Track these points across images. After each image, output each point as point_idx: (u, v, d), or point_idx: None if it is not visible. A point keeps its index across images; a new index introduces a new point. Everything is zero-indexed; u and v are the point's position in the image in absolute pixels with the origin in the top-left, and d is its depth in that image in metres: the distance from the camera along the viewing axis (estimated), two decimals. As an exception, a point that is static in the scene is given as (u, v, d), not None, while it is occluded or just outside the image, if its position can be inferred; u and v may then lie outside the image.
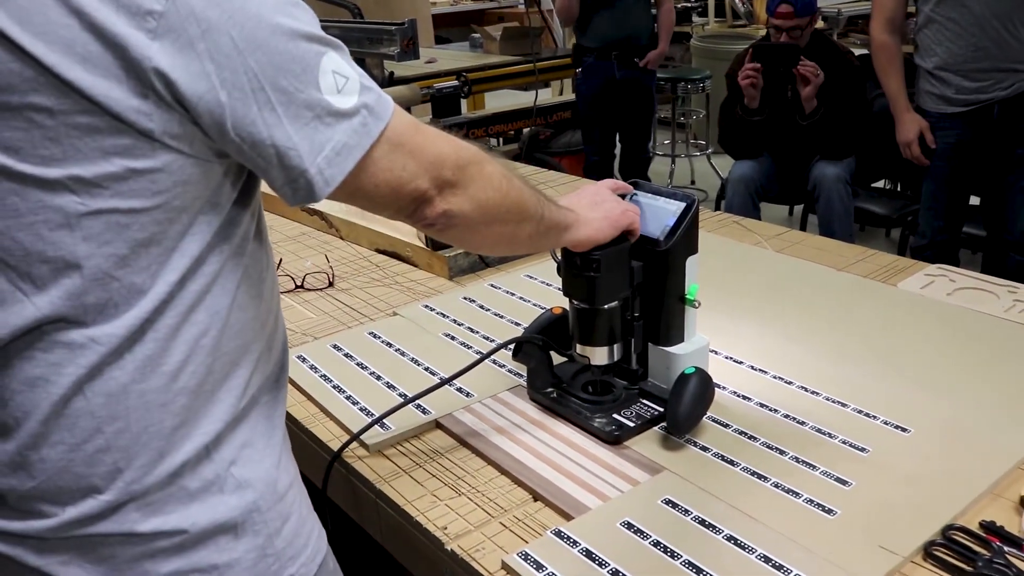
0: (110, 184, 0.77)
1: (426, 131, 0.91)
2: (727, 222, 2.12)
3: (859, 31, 7.38)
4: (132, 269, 0.80)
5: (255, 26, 0.77)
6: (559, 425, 1.27)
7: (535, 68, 4.75)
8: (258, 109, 0.78)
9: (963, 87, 2.92)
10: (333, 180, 0.83)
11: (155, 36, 0.74)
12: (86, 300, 0.80)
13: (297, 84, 0.80)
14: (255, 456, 0.91)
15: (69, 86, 0.73)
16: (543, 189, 1.10)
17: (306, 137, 0.81)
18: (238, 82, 0.77)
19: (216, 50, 0.76)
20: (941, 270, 1.74)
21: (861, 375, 1.36)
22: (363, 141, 0.84)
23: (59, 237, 0.78)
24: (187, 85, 0.75)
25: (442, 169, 0.91)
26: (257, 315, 0.92)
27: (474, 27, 6.59)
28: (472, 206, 0.95)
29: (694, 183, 5.84)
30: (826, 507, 1.06)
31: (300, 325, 1.66)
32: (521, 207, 1.03)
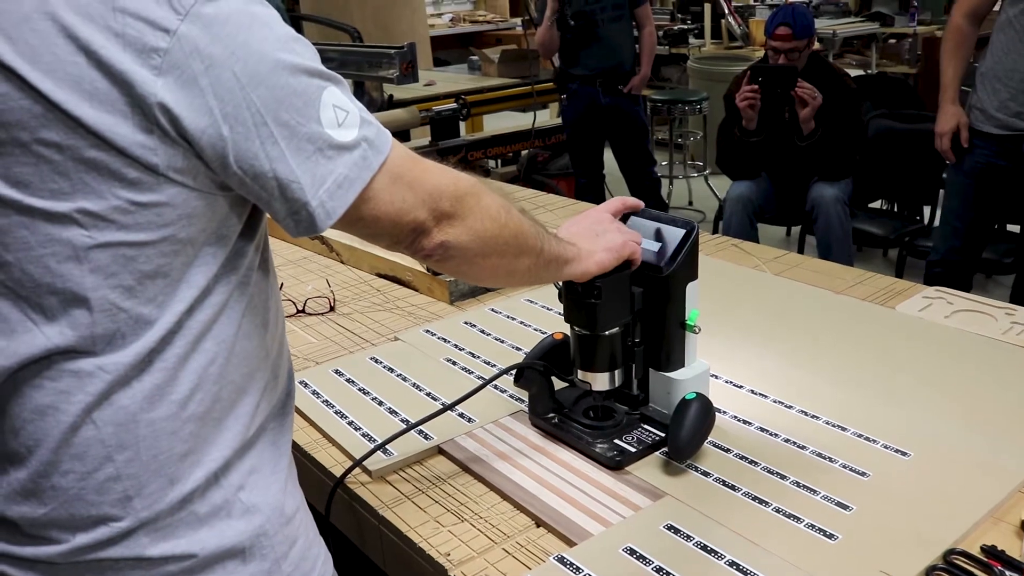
0: (116, 217, 0.79)
1: (424, 163, 0.93)
2: (725, 245, 2.14)
3: (854, 52, 7.43)
4: (139, 300, 0.82)
5: (257, 62, 0.79)
6: (561, 451, 1.27)
7: (533, 90, 4.78)
8: (260, 143, 0.80)
9: (1005, 105, 2.82)
10: (335, 212, 0.85)
11: (160, 73, 0.76)
12: (95, 331, 0.81)
13: (299, 118, 0.82)
14: (262, 481, 0.92)
15: (77, 122, 0.75)
16: (541, 212, 1.12)
17: (308, 170, 0.83)
18: (240, 116, 0.79)
19: (219, 85, 0.78)
20: (939, 292, 1.75)
21: (861, 399, 1.36)
22: (363, 174, 0.86)
23: (67, 269, 0.79)
24: (190, 120, 0.77)
25: (440, 200, 0.93)
26: (262, 343, 0.93)
27: (472, 50, 6.63)
28: (470, 237, 0.96)
29: (692, 204, 5.86)
30: (827, 532, 1.06)
31: (302, 350, 1.66)
32: (520, 240, 1.04)
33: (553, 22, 4.35)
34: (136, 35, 0.75)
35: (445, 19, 10.71)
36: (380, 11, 6.18)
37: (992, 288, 3.99)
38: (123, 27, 0.75)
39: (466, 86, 4.97)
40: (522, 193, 2.75)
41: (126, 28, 0.75)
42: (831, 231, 3.58)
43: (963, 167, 2.99)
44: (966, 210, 3.03)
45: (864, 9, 7.94)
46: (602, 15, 4.39)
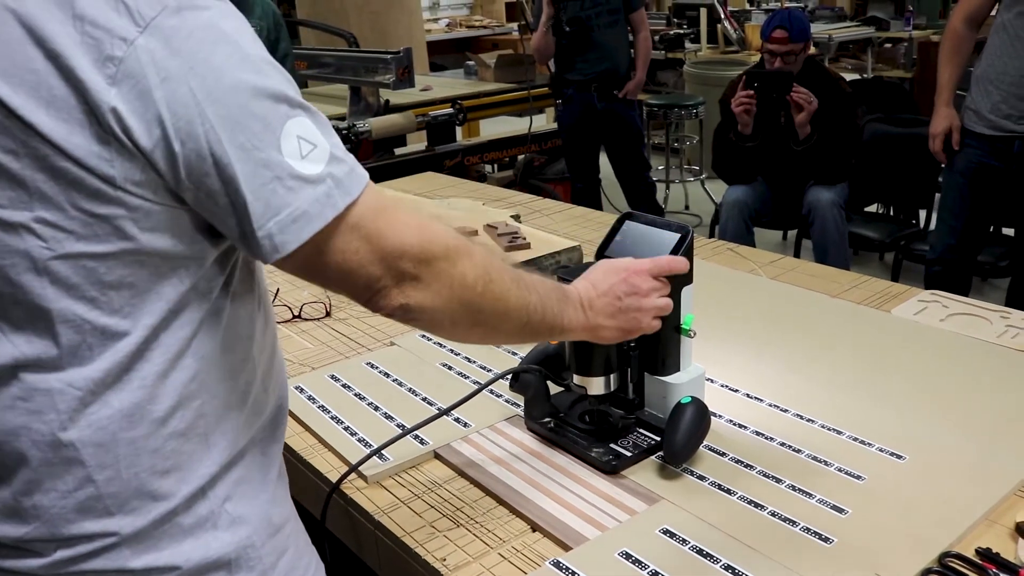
0: (76, 228, 0.77)
1: (395, 216, 0.86)
2: (721, 249, 2.14)
3: (850, 56, 7.45)
4: (103, 312, 0.80)
5: (217, 79, 0.76)
6: (557, 455, 1.27)
7: (529, 95, 4.79)
8: (213, 162, 0.77)
9: (998, 107, 2.87)
10: (284, 247, 0.80)
11: (114, 82, 0.74)
12: (59, 342, 0.79)
13: (255, 142, 0.78)
14: (250, 492, 0.91)
15: (33, 129, 0.74)
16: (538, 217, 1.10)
17: (260, 197, 0.78)
18: (193, 133, 0.76)
19: (173, 99, 0.75)
20: (934, 296, 1.76)
21: (856, 402, 1.36)
22: (325, 212, 0.80)
23: (27, 281, 0.78)
24: (141, 131, 0.75)
25: (400, 261, 0.86)
26: (249, 357, 0.91)
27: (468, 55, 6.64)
28: (436, 304, 0.90)
29: (688, 208, 5.87)
30: (823, 535, 1.06)
31: (298, 355, 1.66)
32: (502, 309, 0.97)
33: (548, 27, 4.36)
34: (93, 43, 0.73)
35: (441, 24, 10.72)
36: (377, 16, 6.20)
37: (988, 291, 4.00)
38: (82, 34, 0.73)
39: (462, 91, 4.98)
40: (519, 198, 2.75)
41: (84, 36, 0.73)
42: (827, 235, 3.58)
43: (957, 167, 3.04)
44: (961, 209, 3.07)
45: (860, 13, 7.97)
46: (597, 20, 4.40)
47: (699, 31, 7.36)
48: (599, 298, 1.10)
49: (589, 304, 1.09)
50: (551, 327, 1.04)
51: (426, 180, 3.07)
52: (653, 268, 1.15)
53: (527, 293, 1.00)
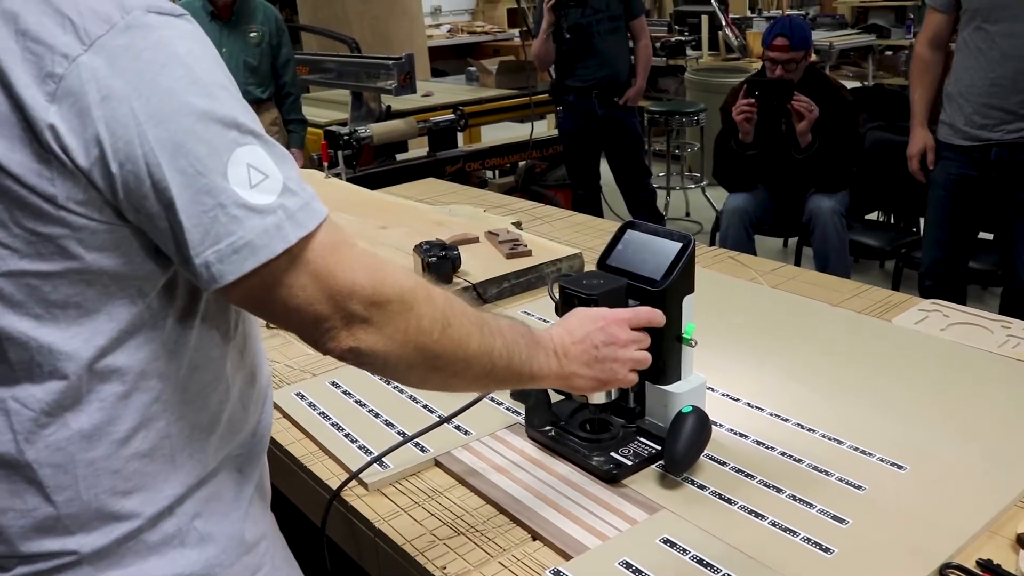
0: (19, 246, 0.75)
1: (347, 254, 0.82)
2: (722, 257, 2.14)
3: (851, 63, 7.47)
4: (50, 330, 0.78)
5: (161, 101, 0.74)
6: (557, 464, 1.27)
7: (531, 101, 4.80)
8: (151, 185, 0.74)
9: (971, 119, 2.95)
10: (222, 277, 0.76)
11: (53, 99, 0.72)
12: (8, 359, 0.78)
13: (199, 167, 0.75)
14: (221, 508, 0.90)
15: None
16: (539, 224, 1.09)
17: (200, 224, 0.75)
18: (132, 154, 0.74)
19: (113, 119, 0.73)
20: (935, 305, 1.76)
21: (857, 412, 1.36)
22: (273, 244, 0.77)
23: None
24: (78, 151, 0.73)
25: (349, 301, 0.82)
26: (221, 377, 0.89)
27: (470, 60, 6.65)
28: (391, 347, 0.86)
29: (689, 215, 5.87)
30: (824, 546, 1.06)
31: (298, 362, 1.66)
32: (462, 356, 0.92)
33: (549, 35, 4.37)
34: (34, 59, 0.72)
35: (443, 30, 10.75)
36: (378, 22, 6.21)
37: (988, 299, 4.00)
38: (23, 49, 0.72)
39: (464, 97, 4.99)
40: (520, 204, 2.75)
41: (26, 51, 0.72)
42: (828, 243, 3.58)
43: (938, 181, 3.15)
44: (944, 221, 3.16)
45: (861, 21, 7.99)
46: (598, 27, 4.41)
47: (700, 38, 7.37)
48: (574, 345, 1.07)
49: (564, 352, 1.06)
50: (519, 374, 1.01)
51: (427, 186, 3.08)
52: (632, 319, 1.13)
53: (491, 339, 0.95)
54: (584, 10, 4.36)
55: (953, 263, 3.18)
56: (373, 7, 6.19)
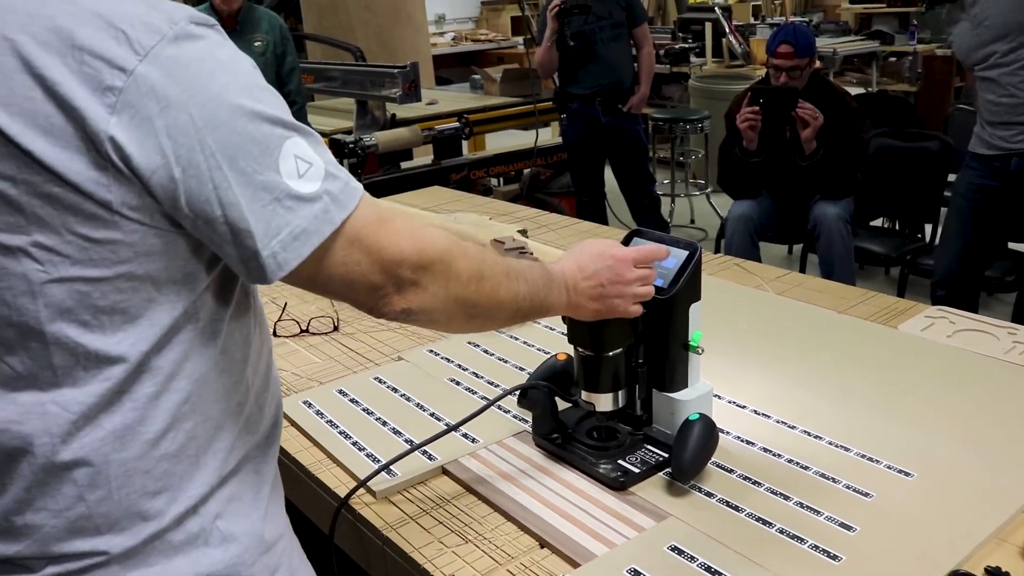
0: (71, 252, 0.78)
1: (390, 226, 0.89)
2: (728, 264, 2.14)
3: (855, 70, 7.47)
4: (96, 336, 0.81)
5: (216, 106, 0.78)
6: (564, 471, 1.27)
7: (535, 109, 4.80)
8: (213, 187, 0.79)
9: (995, 134, 3.03)
10: (287, 264, 0.82)
11: (113, 111, 0.75)
12: (53, 363, 0.81)
13: (255, 166, 0.80)
14: (242, 509, 0.92)
15: (31, 156, 0.75)
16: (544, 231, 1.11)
17: (262, 219, 0.81)
18: (194, 160, 0.78)
19: (174, 127, 0.77)
20: (941, 312, 1.76)
21: (863, 419, 1.36)
22: (323, 227, 0.83)
23: (22, 303, 0.79)
24: (140, 159, 0.76)
25: (399, 269, 0.90)
26: (243, 379, 0.92)
27: (474, 68, 6.66)
28: (435, 304, 0.94)
29: (693, 222, 5.87)
30: (831, 553, 1.06)
31: (305, 370, 1.67)
32: (495, 303, 1.02)
33: (553, 42, 4.38)
34: (93, 73, 0.75)
35: (447, 38, 10.77)
36: (383, 30, 6.23)
37: (995, 306, 4.00)
38: (80, 64, 0.75)
39: (468, 105, 5.01)
40: (525, 212, 2.76)
41: (83, 66, 0.75)
42: (833, 249, 3.58)
43: (959, 189, 3.18)
44: (963, 231, 3.17)
45: (864, 28, 7.98)
46: (601, 35, 4.42)
47: (704, 45, 7.37)
48: (584, 280, 1.14)
49: (574, 286, 1.13)
50: (537, 310, 1.09)
51: (432, 194, 3.08)
52: (638, 257, 1.19)
53: (516, 284, 1.04)
54: (587, 18, 4.37)
55: (968, 275, 3.19)
56: (377, 15, 6.21)
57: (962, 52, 3.06)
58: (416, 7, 6.51)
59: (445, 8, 11.39)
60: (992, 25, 2.88)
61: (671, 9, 9.50)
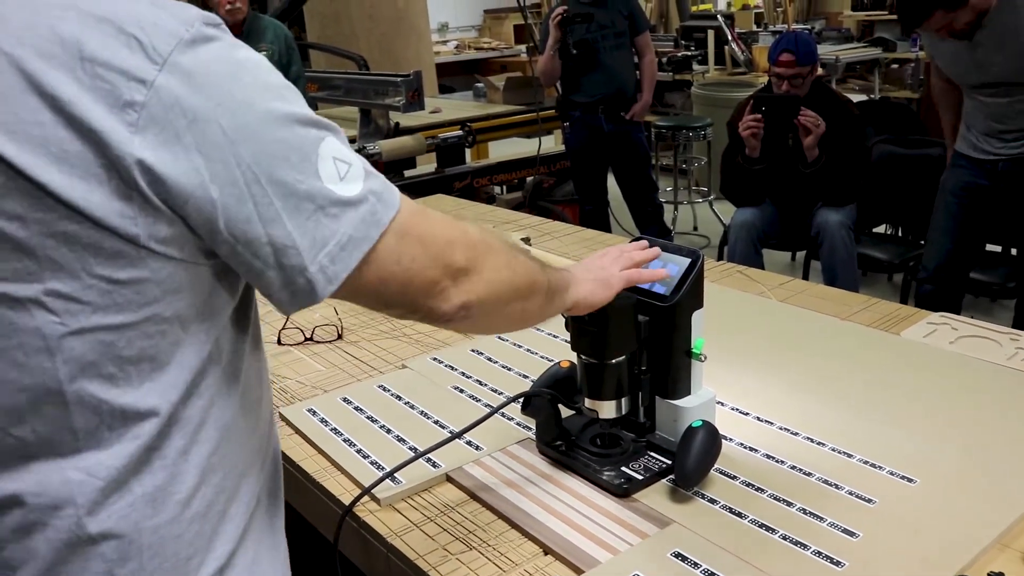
0: (92, 298, 0.69)
1: (431, 215, 0.84)
2: (731, 271, 2.15)
3: (857, 77, 7.47)
4: (122, 390, 0.73)
5: (245, 113, 0.71)
6: (568, 478, 1.28)
7: (538, 117, 4.82)
8: (253, 205, 0.71)
9: (982, 137, 3.04)
10: (336, 277, 0.76)
11: (137, 130, 0.67)
12: (75, 427, 0.72)
13: (296, 175, 0.73)
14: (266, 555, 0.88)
15: (43, 189, 0.66)
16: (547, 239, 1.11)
17: (307, 233, 0.73)
18: (231, 176, 0.70)
19: (204, 142, 0.69)
20: (944, 318, 1.76)
21: (866, 425, 1.37)
22: (371, 232, 0.77)
23: (37, 363, 0.70)
24: (175, 182, 0.69)
25: (454, 255, 0.84)
26: (260, 420, 0.88)
27: (477, 77, 6.67)
28: (488, 290, 0.89)
29: (696, 229, 5.88)
30: (834, 559, 1.07)
31: (310, 378, 1.67)
32: (531, 279, 0.98)
33: (555, 50, 4.40)
34: (108, 87, 0.66)
35: (450, 46, 10.80)
36: (386, 39, 6.25)
37: (997, 312, 4.00)
38: (92, 78, 0.66)
39: (472, 113, 5.02)
40: (528, 220, 2.77)
41: (96, 80, 0.66)
42: (836, 256, 3.59)
43: (948, 187, 3.19)
44: (951, 228, 3.19)
45: (867, 35, 8.00)
46: (603, 43, 4.44)
47: (707, 53, 7.39)
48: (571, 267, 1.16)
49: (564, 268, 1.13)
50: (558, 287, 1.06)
51: (435, 202, 3.09)
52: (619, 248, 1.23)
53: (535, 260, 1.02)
54: (590, 26, 4.39)
55: (955, 271, 3.22)
56: (381, 24, 6.23)
57: (953, 73, 3.04)
58: (419, 16, 6.54)
59: (448, 16, 11.42)
60: (996, 73, 2.85)
61: (673, 17, 9.53)
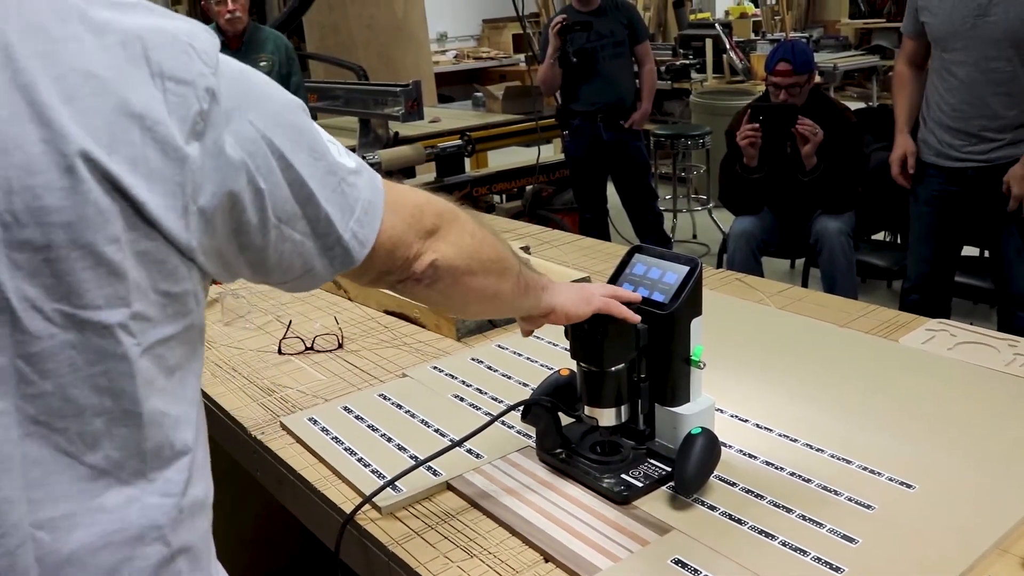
0: (154, 314, 0.70)
1: (397, 186, 0.91)
2: (729, 279, 2.15)
3: (855, 85, 7.50)
4: (170, 402, 0.74)
5: (266, 105, 0.76)
6: (568, 486, 1.28)
7: (537, 126, 4.83)
8: (289, 186, 0.76)
9: (944, 140, 3.06)
10: (367, 240, 0.83)
11: (200, 137, 0.70)
12: (144, 447, 0.72)
13: (314, 153, 0.79)
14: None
15: (138, 209, 0.67)
16: (547, 248, 1.12)
17: (336, 203, 0.80)
18: (269, 166, 0.75)
19: (243, 139, 0.73)
20: (942, 325, 1.77)
21: (865, 432, 1.37)
22: (377, 197, 0.84)
23: (120, 386, 0.69)
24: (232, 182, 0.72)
25: (423, 218, 0.90)
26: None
27: (476, 86, 6.69)
28: (456, 252, 0.93)
29: (696, 237, 5.89)
30: (834, 565, 1.07)
31: (310, 387, 1.68)
32: (499, 256, 1.01)
33: (556, 60, 4.41)
34: (178, 100, 0.68)
35: (449, 56, 10.83)
36: (385, 49, 6.27)
37: (980, 314, 4.01)
38: (164, 92, 0.68)
39: (471, 122, 5.03)
40: (528, 229, 2.77)
41: (168, 94, 0.68)
42: (835, 263, 3.59)
43: (921, 197, 3.22)
44: (929, 236, 3.24)
45: (864, 43, 8.02)
46: (603, 52, 4.46)
47: (705, 61, 7.41)
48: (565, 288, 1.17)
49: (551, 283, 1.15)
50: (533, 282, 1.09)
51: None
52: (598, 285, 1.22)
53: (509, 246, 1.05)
54: (589, 35, 4.41)
55: (938, 277, 3.25)
56: (380, 34, 6.25)
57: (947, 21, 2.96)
58: (418, 25, 6.56)
59: (447, 26, 11.46)
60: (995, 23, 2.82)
61: (672, 26, 9.56)
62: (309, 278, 0.85)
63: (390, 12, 6.28)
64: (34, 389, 0.65)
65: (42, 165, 0.62)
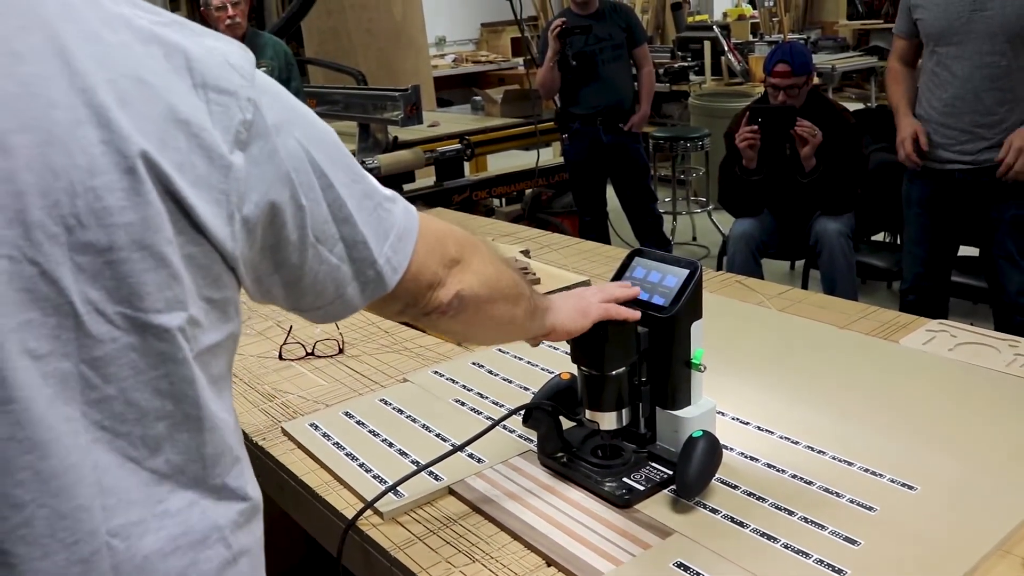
0: (201, 319, 0.71)
1: (423, 214, 0.90)
2: (729, 282, 2.15)
3: (854, 86, 7.50)
4: (222, 406, 0.75)
5: (307, 124, 0.76)
6: (570, 490, 1.28)
7: (536, 129, 4.83)
8: (327, 206, 0.76)
9: (935, 140, 3.07)
10: (400, 267, 0.82)
11: (244, 147, 0.70)
12: (205, 452, 0.73)
13: (353, 175, 0.79)
14: None
15: (187, 213, 0.67)
16: (547, 251, 1.12)
17: (371, 227, 0.80)
18: (311, 183, 0.75)
19: (288, 153, 0.73)
20: (942, 325, 1.77)
21: (866, 433, 1.37)
22: (412, 223, 0.84)
23: (182, 389, 0.70)
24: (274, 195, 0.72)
25: (447, 246, 0.90)
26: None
27: (475, 90, 6.69)
28: (479, 281, 0.94)
29: (695, 239, 5.89)
30: (836, 567, 1.07)
31: (311, 392, 1.68)
32: (514, 282, 1.02)
33: (554, 63, 4.42)
34: (221, 110, 0.69)
35: (448, 60, 10.83)
36: (384, 54, 6.27)
37: (977, 313, 4.00)
38: (207, 102, 0.69)
39: (470, 126, 5.03)
40: (528, 232, 2.77)
41: (211, 104, 0.69)
42: (835, 265, 3.59)
43: (913, 199, 3.24)
44: (923, 238, 3.25)
45: (862, 44, 8.03)
46: (602, 55, 4.46)
47: (703, 63, 7.42)
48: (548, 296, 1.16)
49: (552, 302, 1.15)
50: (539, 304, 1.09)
51: (435, 216, 3.10)
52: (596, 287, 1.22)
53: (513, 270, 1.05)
54: (588, 38, 4.41)
55: (934, 277, 3.26)
56: (378, 39, 6.26)
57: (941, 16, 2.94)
58: (417, 30, 6.56)
59: (445, 30, 11.46)
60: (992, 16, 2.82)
61: (670, 28, 9.56)
62: (341, 304, 0.84)
63: (389, 16, 6.29)
64: (97, 394, 0.66)
65: (103, 166, 0.63)
